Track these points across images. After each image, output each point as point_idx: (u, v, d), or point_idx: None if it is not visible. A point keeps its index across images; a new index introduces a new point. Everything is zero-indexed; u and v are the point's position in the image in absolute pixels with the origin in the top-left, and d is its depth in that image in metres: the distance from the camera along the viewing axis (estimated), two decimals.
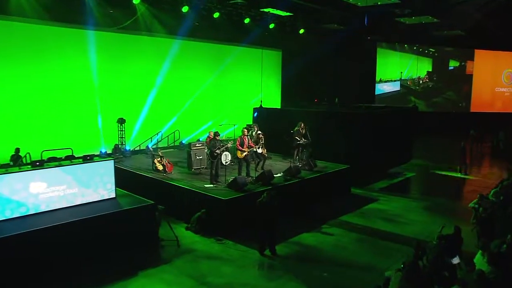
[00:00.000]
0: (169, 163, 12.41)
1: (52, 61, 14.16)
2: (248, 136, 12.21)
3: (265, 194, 8.77)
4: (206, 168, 12.46)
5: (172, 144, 17.71)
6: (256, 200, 8.83)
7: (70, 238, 7.87)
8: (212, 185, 10.95)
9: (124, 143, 16.40)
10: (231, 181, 10.71)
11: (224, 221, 9.82)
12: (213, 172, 11.22)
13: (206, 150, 12.16)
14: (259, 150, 12.53)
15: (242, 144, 11.74)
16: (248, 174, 11.90)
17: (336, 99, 20.79)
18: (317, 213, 11.69)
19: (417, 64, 30.27)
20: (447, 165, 18.01)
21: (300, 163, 13.50)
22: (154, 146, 16.88)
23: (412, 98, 29.78)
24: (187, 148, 13.06)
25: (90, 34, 14.79)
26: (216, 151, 11.08)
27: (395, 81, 29.68)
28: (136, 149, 16.63)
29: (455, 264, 6.73)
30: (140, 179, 12.04)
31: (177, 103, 18.26)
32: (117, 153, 14.30)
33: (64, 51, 14.35)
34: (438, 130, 27.76)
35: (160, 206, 9.37)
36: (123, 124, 16.39)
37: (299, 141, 13.41)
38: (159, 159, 12.36)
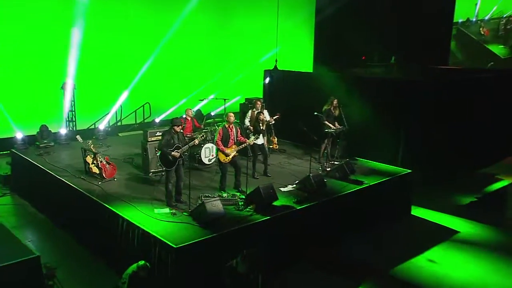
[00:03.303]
0: (108, 163, 8.91)
1: None
2: (236, 126, 8.45)
3: (238, 259, 5.20)
4: None
5: (142, 121, 14.68)
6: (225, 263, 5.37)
7: None
8: (168, 211, 7.40)
9: (74, 120, 13.39)
10: (196, 208, 7.11)
11: (175, 285, 6.38)
12: (169, 187, 7.58)
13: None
14: (259, 141, 9.40)
15: (226, 140, 8.04)
16: (237, 187, 8.31)
17: (393, 58, 17.16)
18: (350, 259, 7.97)
19: None
20: None
21: (328, 164, 10.00)
22: (114, 125, 13.84)
23: None
24: (142, 138, 9.54)
25: None
26: (173, 154, 7.37)
27: None
28: (91, 128, 13.63)
29: None
30: (59, 188, 8.80)
31: (138, 61, 14.71)
32: (45, 139, 10.99)
33: None
34: None
35: (48, 264, 5.96)
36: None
37: (329, 128, 10.15)
38: (92, 156, 8.90)
